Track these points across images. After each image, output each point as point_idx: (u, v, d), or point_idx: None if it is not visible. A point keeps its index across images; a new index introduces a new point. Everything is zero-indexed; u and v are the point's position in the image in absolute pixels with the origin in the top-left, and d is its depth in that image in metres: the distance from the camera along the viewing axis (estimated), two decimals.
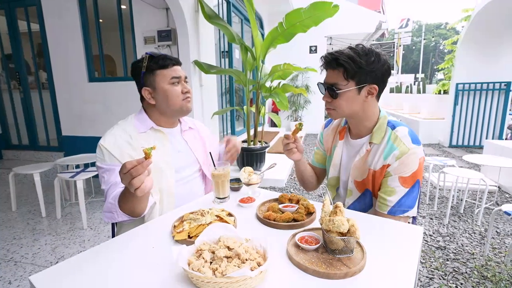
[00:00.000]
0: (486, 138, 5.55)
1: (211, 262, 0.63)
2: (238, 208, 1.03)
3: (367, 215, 0.97)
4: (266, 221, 0.89)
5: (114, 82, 3.48)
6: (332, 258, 0.69)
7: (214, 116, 3.63)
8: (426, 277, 1.81)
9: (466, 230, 2.43)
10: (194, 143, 1.27)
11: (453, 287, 1.71)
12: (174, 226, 0.85)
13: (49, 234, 2.40)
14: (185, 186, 1.18)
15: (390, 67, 1.03)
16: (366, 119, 1.07)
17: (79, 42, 3.44)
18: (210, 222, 0.83)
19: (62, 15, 3.43)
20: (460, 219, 2.64)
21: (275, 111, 7.86)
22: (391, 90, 13.59)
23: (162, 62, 1.10)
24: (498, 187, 3.36)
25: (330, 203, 0.78)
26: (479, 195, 3.06)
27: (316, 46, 7.63)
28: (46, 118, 4.07)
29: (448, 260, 2.00)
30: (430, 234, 2.36)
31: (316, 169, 1.34)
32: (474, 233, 2.39)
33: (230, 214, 0.92)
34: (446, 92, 6.70)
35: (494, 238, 2.29)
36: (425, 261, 1.98)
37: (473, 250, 2.11)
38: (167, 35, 3.13)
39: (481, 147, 5.48)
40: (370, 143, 1.06)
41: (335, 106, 1.03)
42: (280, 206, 0.96)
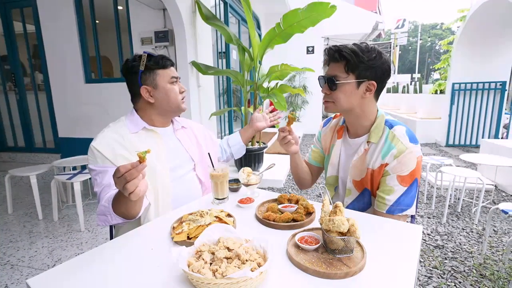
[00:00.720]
0: (483, 137, 5.59)
1: (211, 263, 0.62)
2: (237, 208, 1.03)
3: (366, 215, 0.97)
4: (265, 221, 0.88)
5: (111, 83, 3.47)
6: (332, 258, 0.69)
7: (212, 117, 3.62)
8: (425, 276, 1.82)
9: (463, 229, 2.44)
10: (187, 142, 1.27)
11: (451, 286, 1.72)
12: (173, 228, 0.85)
13: (46, 237, 2.38)
14: (181, 186, 1.18)
15: (390, 68, 1.04)
16: (364, 118, 1.07)
17: (76, 43, 3.42)
18: (210, 223, 0.83)
19: (58, 16, 3.41)
20: (457, 218, 2.65)
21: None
22: (388, 90, 13.67)
23: (162, 62, 1.13)
24: (495, 186, 3.38)
25: (330, 203, 0.78)
26: (476, 194, 3.08)
27: (313, 47, 7.66)
28: (42, 119, 4.05)
29: (446, 259, 2.01)
30: (428, 233, 2.37)
31: (311, 167, 1.34)
32: (472, 231, 2.40)
33: (229, 215, 0.92)
34: (442, 92, 6.75)
35: (491, 236, 2.30)
36: (423, 260, 1.99)
37: (471, 249, 2.12)
38: (164, 36, 3.12)
39: (477, 146, 5.53)
40: (368, 142, 1.06)
41: (334, 98, 1.04)
42: (279, 207, 0.96)
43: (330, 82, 1.02)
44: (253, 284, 0.58)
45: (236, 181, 1.21)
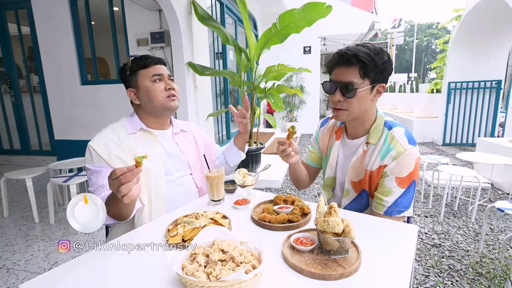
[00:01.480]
0: (479, 136, 5.63)
1: (206, 266, 0.62)
2: (233, 210, 1.02)
3: (363, 215, 0.97)
4: (261, 223, 0.88)
5: (107, 84, 3.45)
6: (327, 259, 0.69)
7: (209, 117, 3.62)
8: (422, 274, 1.82)
9: (460, 228, 2.45)
10: (186, 147, 1.26)
11: (448, 284, 1.72)
12: (168, 230, 0.84)
13: (42, 240, 2.36)
14: (176, 188, 1.17)
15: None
16: (365, 120, 1.06)
17: (71, 44, 3.40)
18: (205, 225, 0.83)
19: (53, 18, 3.39)
20: (454, 217, 2.66)
21: (270, 112, 7.86)
22: (385, 90, 13.70)
23: (143, 62, 1.13)
24: (491, 184, 3.40)
25: (325, 204, 0.78)
26: (473, 193, 3.10)
27: (310, 47, 7.67)
28: (38, 122, 4.02)
29: (443, 257, 2.01)
30: (426, 232, 2.38)
31: (309, 168, 1.33)
32: (469, 230, 2.41)
33: (224, 217, 0.91)
34: (438, 91, 6.78)
35: (488, 234, 2.32)
36: (420, 259, 1.99)
37: (467, 247, 2.13)
38: (160, 37, 3.11)
39: (473, 145, 5.55)
40: (367, 144, 1.05)
41: (348, 106, 0.99)
42: (275, 208, 0.96)
43: (347, 89, 0.96)
44: (247, 286, 0.58)
45: (232, 182, 1.20)
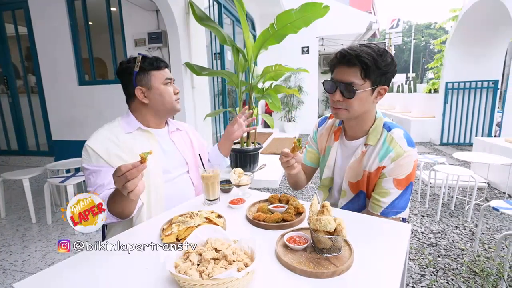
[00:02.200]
0: (476, 136, 5.65)
1: (199, 265, 0.62)
2: (228, 209, 1.03)
3: (357, 214, 0.98)
4: (255, 222, 0.89)
5: (104, 85, 3.45)
6: (320, 258, 0.70)
7: (207, 118, 3.62)
8: (418, 274, 1.83)
9: (457, 227, 2.47)
10: (182, 144, 1.28)
11: (444, 283, 1.73)
12: (163, 229, 0.85)
13: (39, 241, 2.36)
14: (174, 187, 1.18)
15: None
16: (365, 121, 1.06)
17: (68, 45, 3.40)
18: (199, 224, 0.83)
19: (50, 18, 3.38)
20: (451, 216, 2.68)
21: (269, 112, 7.86)
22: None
23: (156, 64, 1.16)
24: (488, 184, 3.42)
25: (318, 203, 0.78)
26: (469, 192, 3.11)
27: (308, 47, 7.68)
28: (35, 122, 4.01)
29: (439, 256, 2.02)
30: (422, 231, 2.39)
31: (306, 168, 1.32)
32: (465, 229, 2.42)
33: (219, 216, 0.92)
34: (436, 91, 6.80)
35: (484, 233, 2.33)
36: (417, 258, 2.00)
37: (463, 246, 2.15)
38: (158, 37, 3.11)
39: (471, 145, 5.58)
40: (366, 145, 1.05)
41: (348, 106, 0.99)
42: (269, 207, 0.96)
43: (346, 90, 0.96)
44: (239, 284, 0.58)
45: (227, 182, 1.21)
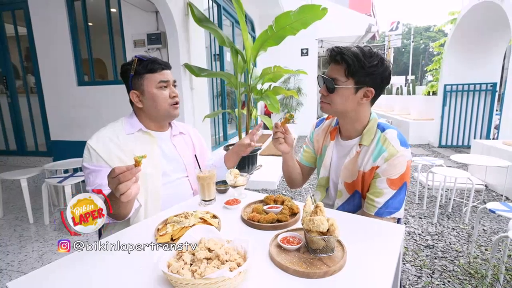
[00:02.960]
0: (474, 138, 5.67)
1: (191, 264, 0.63)
2: (223, 210, 1.03)
3: (351, 215, 0.98)
4: (250, 222, 0.89)
5: (103, 85, 3.45)
6: (313, 258, 0.70)
7: (206, 119, 3.62)
8: (415, 275, 1.83)
9: (454, 229, 2.47)
10: (183, 149, 1.26)
11: (440, 285, 1.73)
12: (158, 229, 0.85)
13: (36, 241, 2.36)
14: (172, 190, 1.18)
15: (391, 75, 1.03)
16: (357, 121, 1.08)
17: (68, 45, 3.40)
18: (193, 224, 0.83)
19: (50, 19, 3.39)
20: (448, 218, 2.68)
21: (267, 114, 7.88)
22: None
23: (150, 66, 1.11)
24: (485, 186, 3.43)
25: (312, 203, 0.79)
26: (467, 194, 3.12)
27: (307, 49, 7.71)
28: (34, 122, 4.01)
29: (436, 258, 2.03)
30: (419, 233, 2.39)
31: (303, 167, 1.33)
32: (462, 231, 2.43)
33: (214, 216, 0.92)
34: (435, 93, 6.83)
35: (480, 235, 2.33)
36: (413, 260, 2.00)
37: (460, 248, 2.15)
38: (157, 38, 3.12)
39: (469, 147, 5.59)
40: (360, 145, 1.07)
41: (330, 100, 1.03)
42: (264, 207, 0.96)
43: (329, 84, 1.01)
44: (231, 284, 0.59)
45: (224, 182, 1.21)
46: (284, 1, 6.52)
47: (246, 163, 3.68)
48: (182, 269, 0.60)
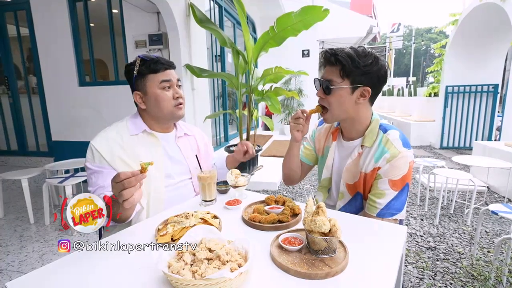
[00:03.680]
0: (476, 139, 5.65)
1: (192, 265, 0.62)
2: (224, 210, 1.03)
3: (353, 216, 0.97)
4: (251, 223, 0.88)
5: (105, 86, 3.46)
6: (314, 259, 0.69)
7: (207, 120, 3.62)
8: (416, 277, 1.82)
9: (456, 230, 2.45)
10: (188, 151, 1.25)
11: (442, 287, 1.72)
12: (158, 229, 0.84)
13: (37, 241, 2.35)
14: (174, 192, 1.16)
15: (387, 74, 1.03)
16: (358, 122, 1.07)
17: (70, 46, 3.42)
18: (194, 225, 0.83)
19: (52, 19, 3.40)
20: (450, 220, 2.66)
21: (269, 115, 7.87)
22: (383, 93, 13.82)
23: (153, 66, 1.09)
24: (488, 188, 3.41)
25: (314, 204, 0.78)
26: (469, 196, 3.10)
27: (308, 50, 7.71)
28: (35, 123, 4.02)
29: (438, 260, 2.01)
30: (421, 235, 2.38)
31: (302, 164, 1.31)
32: (464, 233, 2.41)
33: (215, 217, 0.91)
34: (436, 94, 6.81)
35: (483, 237, 2.32)
36: (415, 261, 1.99)
37: (462, 250, 2.13)
38: (158, 39, 3.13)
39: (471, 148, 5.57)
40: (362, 146, 1.06)
41: (327, 103, 1.03)
42: (266, 208, 0.96)
43: (325, 86, 1.02)
44: (232, 285, 0.58)
45: (224, 183, 1.21)
46: (285, 2, 6.53)
47: (247, 164, 3.67)
48: (183, 269, 0.59)
